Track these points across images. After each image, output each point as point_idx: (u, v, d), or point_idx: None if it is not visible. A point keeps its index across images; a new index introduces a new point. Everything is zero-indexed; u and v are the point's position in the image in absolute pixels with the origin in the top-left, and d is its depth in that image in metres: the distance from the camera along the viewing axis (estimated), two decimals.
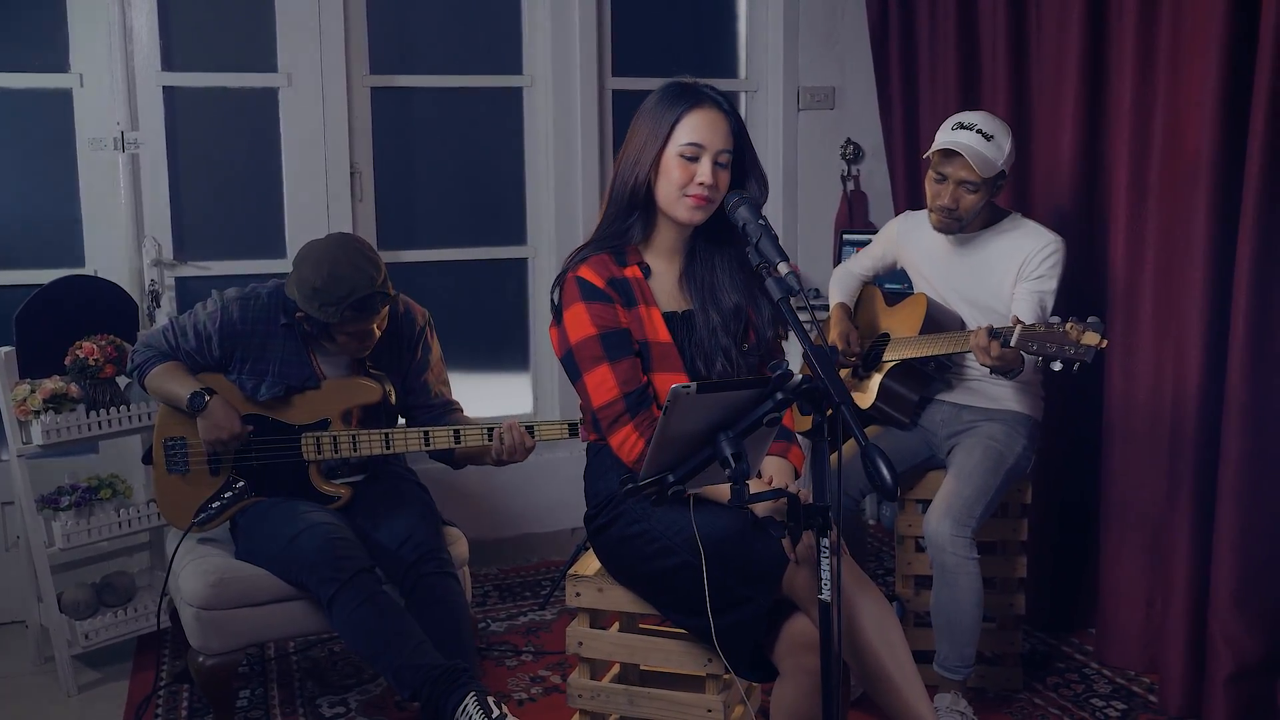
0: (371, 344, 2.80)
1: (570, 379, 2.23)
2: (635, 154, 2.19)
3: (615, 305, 2.18)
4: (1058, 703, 2.99)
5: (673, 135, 2.15)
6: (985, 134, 2.76)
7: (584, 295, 2.17)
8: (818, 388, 1.74)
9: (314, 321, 2.73)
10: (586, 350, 2.16)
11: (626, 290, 2.20)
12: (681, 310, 2.25)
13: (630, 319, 2.19)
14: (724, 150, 2.16)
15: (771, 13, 4.26)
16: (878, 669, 2.02)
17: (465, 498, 3.94)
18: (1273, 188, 2.58)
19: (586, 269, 2.19)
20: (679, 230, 2.23)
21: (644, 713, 2.30)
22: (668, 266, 2.27)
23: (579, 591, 2.32)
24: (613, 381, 2.15)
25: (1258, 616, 2.71)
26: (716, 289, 2.24)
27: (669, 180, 2.16)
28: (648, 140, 2.17)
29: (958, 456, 2.85)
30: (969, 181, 2.77)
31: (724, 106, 2.18)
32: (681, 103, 2.16)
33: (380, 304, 2.71)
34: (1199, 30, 2.74)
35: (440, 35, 4.02)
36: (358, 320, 2.69)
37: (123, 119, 3.54)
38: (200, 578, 2.70)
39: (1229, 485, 2.69)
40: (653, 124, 2.18)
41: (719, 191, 2.16)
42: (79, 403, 3.12)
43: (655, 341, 2.20)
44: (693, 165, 2.14)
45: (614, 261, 2.21)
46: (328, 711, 2.97)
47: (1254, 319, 2.62)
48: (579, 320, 2.17)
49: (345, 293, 2.64)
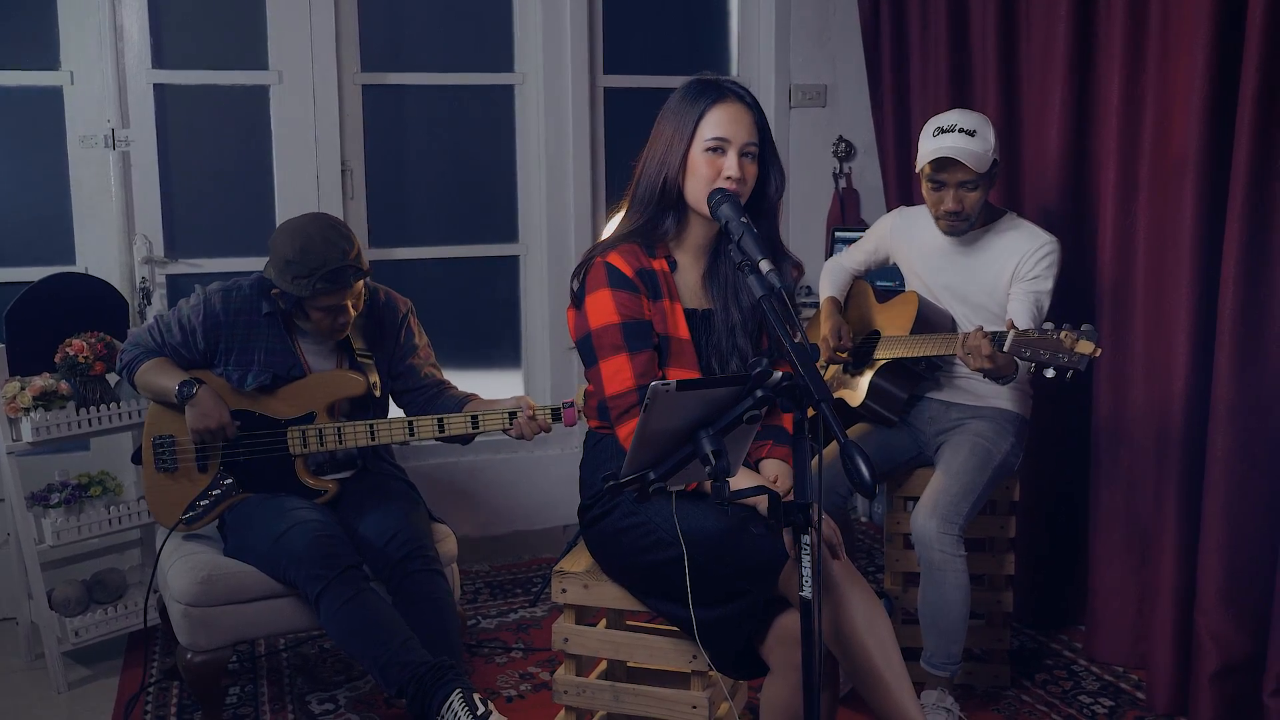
0: (346, 323, 2.80)
1: (585, 363, 2.22)
2: (661, 153, 2.19)
3: (641, 296, 2.17)
4: (1046, 699, 2.99)
5: (698, 132, 2.15)
6: (968, 131, 2.77)
7: (611, 282, 2.16)
8: (798, 385, 1.74)
9: (289, 298, 2.75)
10: (607, 337, 2.15)
11: (654, 282, 2.20)
12: (702, 309, 2.25)
13: (654, 312, 2.19)
14: (750, 143, 2.16)
15: (763, 10, 4.26)
16: (866, 665, 2.02)
17: (458, 495, 3.95)
18: (1259, 187, 2.59)
19: (616, 255, 2.18)
20: (708, 227, 2.23)
21: (629, 709, 2.30)
22: (693, 264, 2.27)
23: (565, 588, 2.32)
24: (629, 372, 2.14)
25: (1243, 614, 2.71)
26: (739, 288, 2.24)
27: (697, 177, 2.16)
28: (673, 139, 2.17)
29: (946, 454, 2.85)
30: (968, 181, 2.77)
31: (747, 100, 2.18)
32: (705, 99, 2.16)
33: (352, 278, 2.72)
34: (1186, 29, 2.75)
35: (432, 32, 4.02)
36: (329, 293, 2.70)
37: (113, 116, 3.54)
38: (188, 575, 2.70)
39: (1215, 483, 2.69)
40: (677, 122, 2.17)
41: (747, 185, 2.16)
42: (69, 400, 3.12)
43: (675, 337, 2.20)
44: (719, 159, 2.14)
45: (644, 252, 2.21)
46: (317, 708, 2.98)
47: (1240, 318, 2.62)
48: (603, 306, 2.16)
49: (317, 264, 2.66)
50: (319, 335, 2.83)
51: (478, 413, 2.80)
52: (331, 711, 2.96)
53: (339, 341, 2.89)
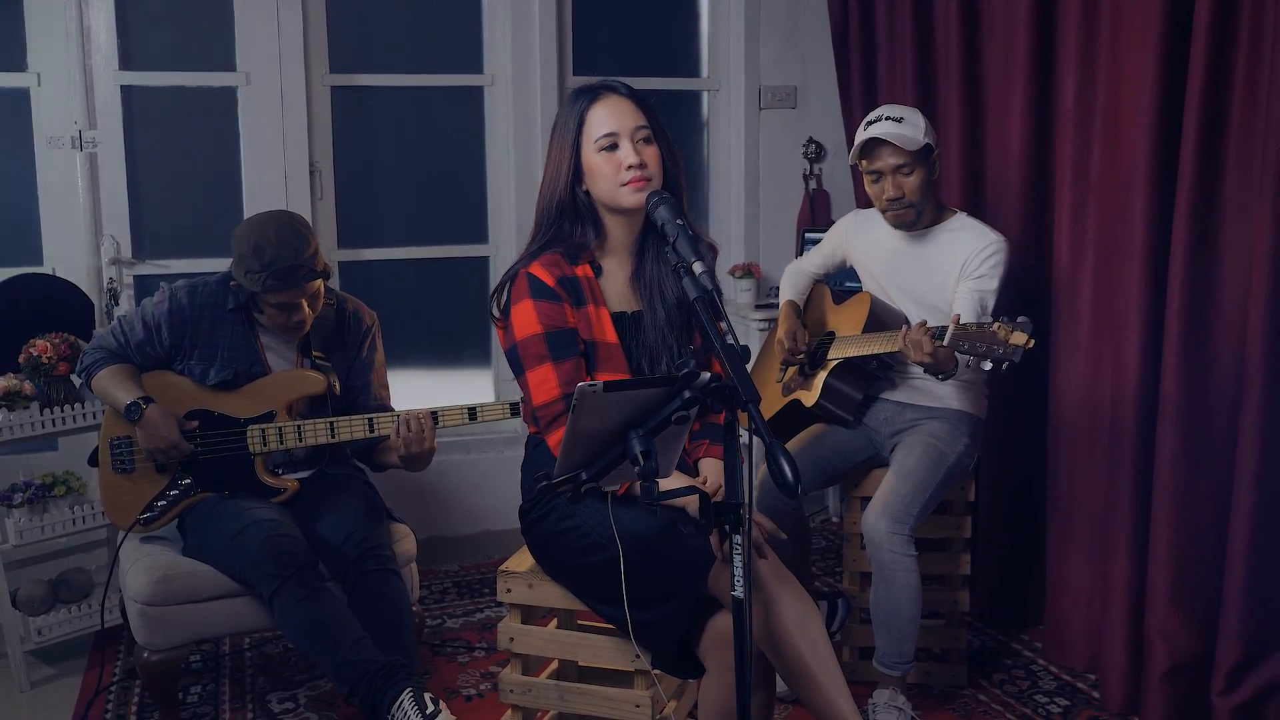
0: (301, 322, 2.81)
1: (514, 374, 2.24)
2: (554, 169, 2.21)
3: (564, 304, 2.19)
4: (1002, 699, 3.01)
5: (584, 135, 2.17)
6: (894, 119, 2.82)
7: (533, 292, 2.18)
8: (727, 386, 1.76)
9: (245, 292, 2.78)
10: (532, 347, 2.17)
11: (576, 289, 2.21)
12: (631, 311, 2.26)
13: (578, 318, 2.20)
14: (639, 126, 2.16)
15: (733, 11, 4.27)
16: (798, 664, 2.03)
17: (427, 495, 3.96)
18: (1205, 190, 2.60)
19: (538, 266, 2.19)
20: (629, 225, 2.24)
21: (574, 708, 2.32)
22: (619, 267, 2.28)
23: (510, 587, 2.34)
24: (554, 381, 2.16)
25: (1192, 614, 2.73)
26: (663, 284, 2.25)
27: (601, 178, 2.16)
28: (562, 152, 2.19)
29: (899, 454, 2.87)
30: (901, 164, 2.80)
31: (621, 90, 2.20)
32: (580, 103, 2.18)
33: (303, 278, 2.73)
34: (1135, 38, 2.76)
35: (400, 34, 4.03)
36: (280, 290, 2.72)
37: (80, 118, 3.56)
38: (145, 574, 2.71)
39: (1164, 484, 2.71)
40: (562, 135, 2.20)
41: (653, 166, 2.16)
42: (33, 400, 3.13)
43: (601, 341, 2.21)
44: (615, 155, 2.15)
45: (566, 260, 2.22)
46: (277, 707, 2.99)
47: (1187, 318, 2.64)
48: (526, 317, 2.18)
49: (269, 261, 2.69)
50: (277, 331, 2.85)
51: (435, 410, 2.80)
52: (291, 710, 2.98)
53: (300, 344, 2.91)
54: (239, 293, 2.80)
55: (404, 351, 4.07)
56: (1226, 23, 2.54)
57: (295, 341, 2.90)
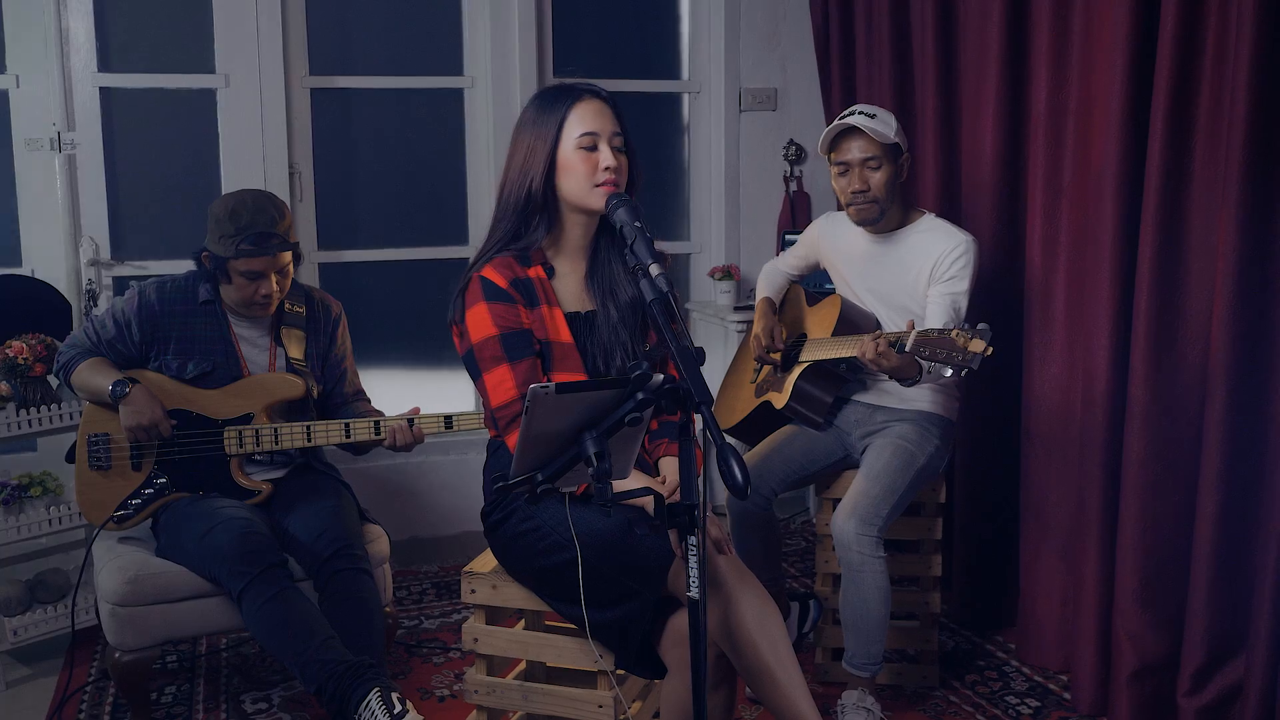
0: (268, 298, 2.83)
1: (471, 378, 2.26)
2: (523, 161, 2.22)
3: (518, 306, 2.20)
4: (973, 700, 3.02)
5: (564, 131, 2.18)
6: (867, 114, 2.83)
7: (486, 295, 2.20)
8: (680, 388, 1.77)
9: (215, 259, 2.80)
10: (487, 350, 2.19)
11: (529, 290, 2.22)
12: (585, 311, 2.28)
13: (532, 319, 2.21)
14: (616, 133, 2.20)
15: (714, 13, 4.29)
16: (757, 663, 2.03)
17: (407, 496, 3.98)
18: (1172, 192, 2.61)
19: (490, 269, 2.21)
20: (585, 226, 2.26)
21: (538, 708, 2.32)
22: (573, 267, 2.30)
23: (474, 588, 2.35)
24: (511, 382, 2.17)
25: (1159, 615, 2.74)
26: (615, 284, 2.27)
27: (575, 175, 2.18)
28: (535, 144, 2.20)
29: (869, 456, 2.87)
30: (870, 157, 2.81)
31: (603, 94, 2.23)
32: (564, 101, 2.20)
33: (276, 247, 2.77)
34: (1107, 34, 2.77)
35: (380, 36, 4.04)
36: (252, 256, 2.75)
37: (59, 120, 3.57)
38: (117, 574, 2.72)
39: (1132, 487, 2.72)
40: (537, 129, 2.21)
41: (623, 174, 2.19)
42: (9, 401, 3.14)
43: (556, 342, 2.22)
44: (594, 155, 2.17)
45: (518, 262, 2.24)
46: (250, 707, 3.00)
47: (1154, 322, 2.64)
48: (481, 320, 2.20)
49: (244, 225, 2.73)
50: (243, 309, 2.86)
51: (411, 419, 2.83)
52: (264, 711, 2.98)
53: (274, 335, 2.92)
54: (210, 260, 2.81)
55: (384, 353, 4.09)
56: (1193, 26, 2.55)
57: (266, 325, 2.92)
